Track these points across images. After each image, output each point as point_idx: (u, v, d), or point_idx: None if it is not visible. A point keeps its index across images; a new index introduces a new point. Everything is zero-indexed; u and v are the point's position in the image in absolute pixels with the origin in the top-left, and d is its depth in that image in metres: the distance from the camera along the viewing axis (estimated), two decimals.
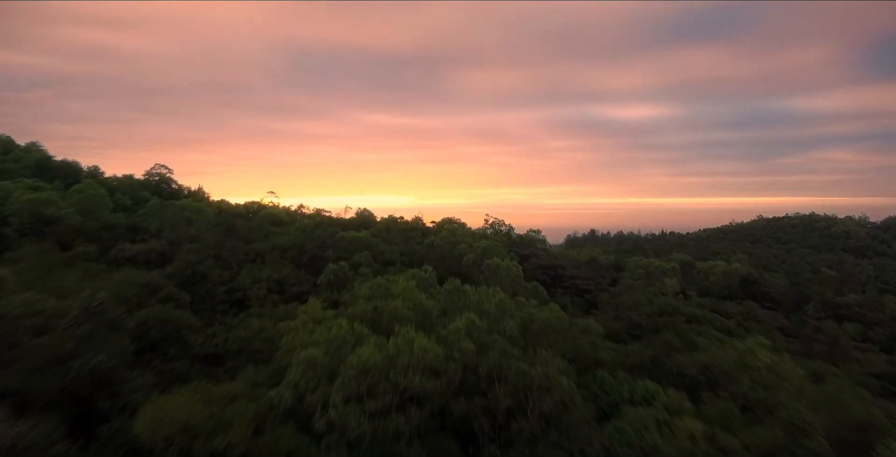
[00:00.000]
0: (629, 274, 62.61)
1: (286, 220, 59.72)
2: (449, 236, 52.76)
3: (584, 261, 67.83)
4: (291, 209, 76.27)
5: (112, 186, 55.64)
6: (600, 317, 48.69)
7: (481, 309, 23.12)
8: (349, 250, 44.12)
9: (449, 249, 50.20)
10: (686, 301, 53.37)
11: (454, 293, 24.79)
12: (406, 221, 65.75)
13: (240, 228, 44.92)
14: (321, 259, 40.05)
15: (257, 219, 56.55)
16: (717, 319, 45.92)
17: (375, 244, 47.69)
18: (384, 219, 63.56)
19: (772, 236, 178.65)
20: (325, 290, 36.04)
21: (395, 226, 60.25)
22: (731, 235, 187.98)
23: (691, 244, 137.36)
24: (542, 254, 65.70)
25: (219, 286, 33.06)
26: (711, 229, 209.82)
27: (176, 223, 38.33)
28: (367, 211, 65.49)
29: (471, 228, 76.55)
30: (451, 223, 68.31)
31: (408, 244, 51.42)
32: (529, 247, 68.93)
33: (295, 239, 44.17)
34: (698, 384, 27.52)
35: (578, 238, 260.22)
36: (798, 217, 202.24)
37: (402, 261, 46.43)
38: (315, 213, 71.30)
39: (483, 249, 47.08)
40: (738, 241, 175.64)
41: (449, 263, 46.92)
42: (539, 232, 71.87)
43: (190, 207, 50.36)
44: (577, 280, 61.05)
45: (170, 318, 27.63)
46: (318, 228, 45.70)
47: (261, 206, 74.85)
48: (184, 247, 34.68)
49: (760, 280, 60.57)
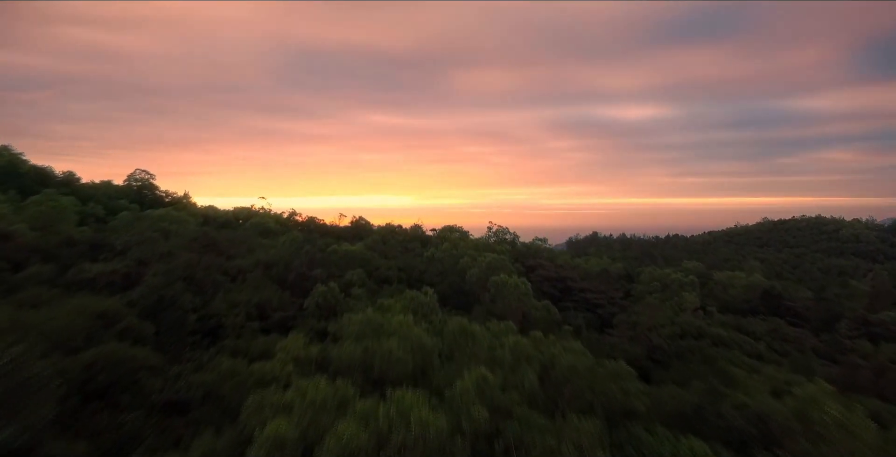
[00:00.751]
0: (643, 287, 58.58)
1: (276, 229, 55.65)
2: (451, 249, 48.72)
3: (595, 272, 63.76)
4: (284, 215, 72.28)
5: (86, 194, 51.58)
6: (616, 338, 44.76)
7: (493, 356, 19.07)
8: (341, 267, 40.04)
9: (451, 263, 46.15)
10: (707, 319, 49.42)
11: (461, 337, 20.68)
12: (405, 228, 61.78)
13: (221, 241, 40.81)
14: (309, 278, 35.93)
15: (244, 229, 52.45)
16: (746, 341, 42.00)
17: (370, 259, 43.61)
18: (381, 228, 59.60)
19: (779, 240, 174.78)
20: (311, 316, 31.96)
21: (393, 236, 56.25)
22: (738, 239, 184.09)
23: (699, 249, 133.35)
24: (548, 265, 61.71)
25: (190, 314, 28.95)
26: (717, 232, 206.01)
27: (146, 238, 34.23)
28: (362, 219, 61.46)
29: (473, 236, 72.60)
30: (453, 231, 64.25)
31: (406, 258, 47.34)
32: (535, 256, 64.96)
33: (282, 254, 40.10)
34: (750, 439, 23.64)
35: (581, 241, 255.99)
36: (805, 219, 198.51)
37: (400, 278, 42.37)
38: (309, 220, 67.13)
39: (488, 263, 43.02)
40: (745, 245, 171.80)
41: (451, 280, 42.89)
42: (545, 240, 67.83)
43: (168, 217, 46.17)
44: (588, 294, 57.09)
45: (125, 357, 23.49)
46: (308, 241, 41.62)
47: (251, 212, 70.77)
48: (152, 267, 30.61)
49: (784, 293, 56.63)
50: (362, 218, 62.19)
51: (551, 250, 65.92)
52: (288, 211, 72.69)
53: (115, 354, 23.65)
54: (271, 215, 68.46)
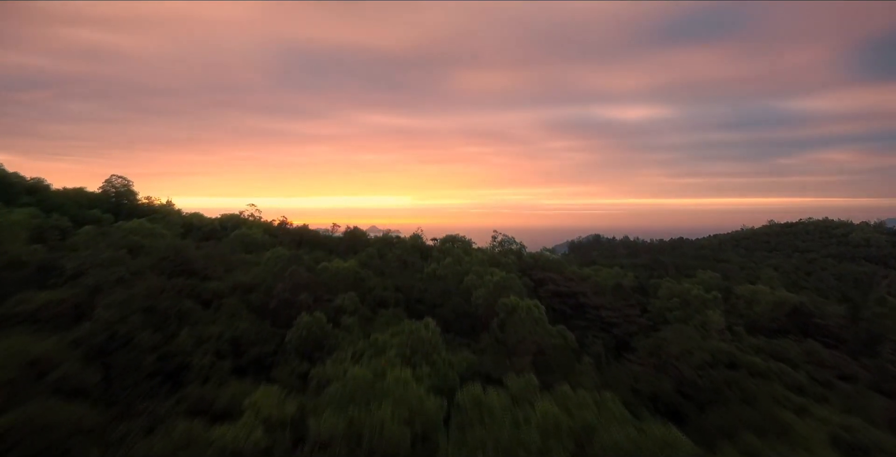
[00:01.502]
0: (661, 303, 54.11)
1: (262, 241, 51.21)
2: (454, 264, 44.24)
3: (609, 286, 59.31)
4: (275, 223, 67.78)
5: (53, 204, 47.05)
6: (639, 366, 40.35)
7: (516, 437, 14.61)
8: (332, 288, 35.55)
9: (454, 281, 41.67)
10: (736, 341, 45.01)
11: (473, 409, 16.17)
12: (403, 238, 57.32)
13: (196, 259, 36.31)
14: (293, 305, 31.43)
15: (228, 241, 47.95)
16: (784, 371, 37.61)
17: (365, 277, 39.13)
18: (378, 239, 55.13)
19: (788, 244, 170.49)
20: (293, 352, 27.49)
21: (390, 249, 51.74)
22: (745, 243, 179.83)
23: (708, 255, 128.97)
24: (558, 278, 57.27)
25: (147, 353, 24.52)
26: (723, 235, 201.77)
27: (105, 260, 29.74)
28: (357, 230, 56.73)
29: (476, 244, 68.19)
30: (455, 242, 59.79)
31: (404, 276, 42.85)
32: (543, 268, 60.53)
33: (264, 274, 35.66)
34: None
35: (583, 244, 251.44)
36: (812, 223, 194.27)
37: (398, 299, 37.89)
38: (301, 228, 62.66)
39: (496, 283, 38.57)
40: (753, 249, 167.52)
41: (455, 302, 38.44)
42: (554, 251, 63.35)
43: (141, 230, 41.61)
44: (603, 311, 52.64)
45: (55, 420, 19.12)
46: (295, 259, 37.12)
47: (239, 220, 66.26)
48: (106, 296, 26.15)
49: (814, 310, 52.28)
50: (357, 228, 57.58)
51: (560, 262, 61.45)
52: (279, 218, 68.37)
53: (42, 415, 19.22)
54: (260, 224, 63.95)
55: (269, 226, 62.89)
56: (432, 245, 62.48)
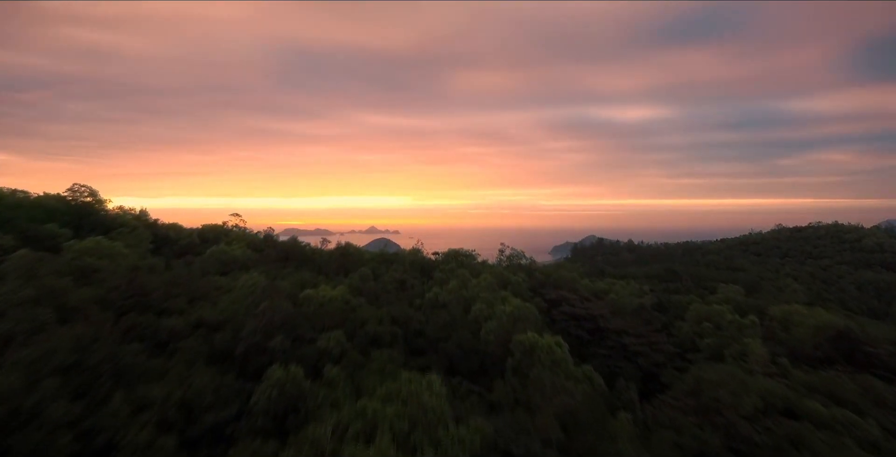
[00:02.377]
0: (690, 327, 48.41)
1: (243, 259, 45.38)
2: (459, 289, 38.46)
3: (630, 307, 53.59)
4: (260, 236, 61.84)
5: (1, 218, 40.92)
6: (677, 411, 34.62)
7: None
8: (315, 325, 29.71)
9: (460, 311, 35.87)
10: (784, 376, 39.39)
11: None
12: (401, 255, 51.51)
13: (155, 288, 30.47)
14: (265, 351, 25.63)
15: (200, 262, 42.13)
16: (852, 420, 32.06)
17: (356, 307, 33.33)
18: (373, 255, 49.33)
19: (799, 250, 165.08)
20: (261, 416, 21.67)
21: (388, 268, 45.91)
22: (754, 248, 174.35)
23: (720, 262, 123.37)
24: (573, 298, 51.54)
25: (63, 431, 18.77)
26: (731, 240, 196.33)
27: (28, 297, 23.95)
28: (350, 246, 50.75)
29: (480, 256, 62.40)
30: (460, 257, 54.00)
31: (402, 305, 37.03)
32: (556, 285, 54.83)
33: (235, 306, 29.86)
34: None
35: (586, 248, 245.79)
36: (823, 227, 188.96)
37: (394, 336, 32.06)
38: (288, 243, 56.81)
39: (510, 315, 32.80)
40: (764, 254, 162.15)
41: (462, 337, 32.65)
42: (565, 266, 57.62)
43: (97, 250, 35.77)
44: (626, 338, 46.90)
45: None
46: (272, 289, 31.14)
47: (221, 231, 60.36)
48: (15, 351, 20.37)
49: (863, 336, 46.76)
50: (350, 244, 51.53)
51: (574, 279, 55.76)
52: (265, 229, 62.48)
53: None
54: (244, 236, 58.07)
55: (253, 239, 57.01)
56: (434, 259, 56.69)
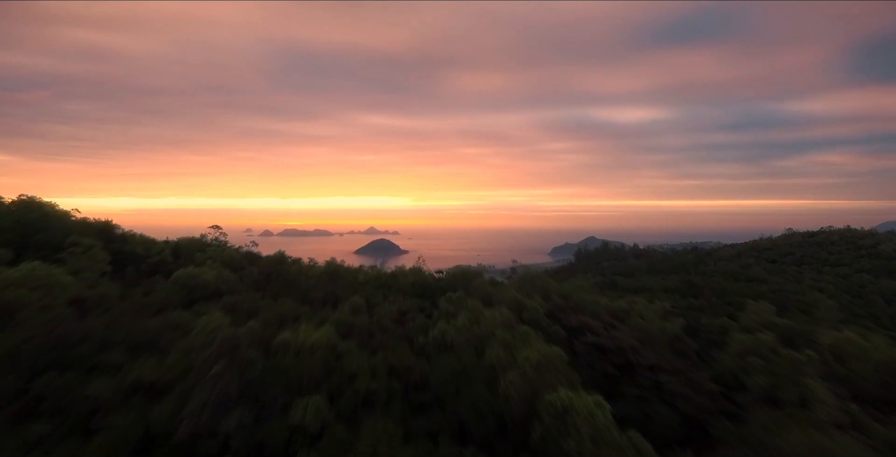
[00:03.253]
0: (733, 361, 42.04)
1: (216, 284, 38.89)
2: (470, 325, 32.10)
3: (657, 332, 47.28)
4: (242, 250, 55.28)
5: None
6: None
7: None
8: (287, 386, 23.29)
9: (470, 357, 29.44)
10: (861, 431, 33.21)
11: None
12: (400, 276, 45.01)
13: (86, 335, 24.01)
14: (215, 435, 19.20)
15: (163, 290, 35.61)
16: None
17: (343, 354, 26.91)
18: (366, 276, 42.75)
19: (814, 256, 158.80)
20: None
21: (384, 295, 39.46)
22: (766, 254, 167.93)
23: (736, 271, 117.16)
24: (595, 325, 45.14)
25: None
26: (741, 245, 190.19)
27: None
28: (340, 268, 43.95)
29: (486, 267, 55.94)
30: (468, 277, 47.55)
31: (401, 343, 30.61)
32: (575, 309, 48.43)
33: (185, 363, 23.48)
34: None
35: (590, 252, 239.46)
36: (836, 232, 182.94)
37: (391, 392, 25.65)
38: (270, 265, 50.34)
39: (535, 365, 26.38)
40: (777, 261, 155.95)
41: (475, 393, 26.26)
42: (584, 286, 51.31)
43: (29, 280, 29.25)
44: (661, 375, 40.54)
45: None
46: (232, 343, 24.55)
47: (200, 245, 53.76)
48: None
49: None
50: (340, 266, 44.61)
51: (595, 301, 49.51)
52: (249, 243, 55.90)
53: None
54: (224, 253, 51.52)
55: (233, 255, 50.44)
56: (438, 278, 50.25)
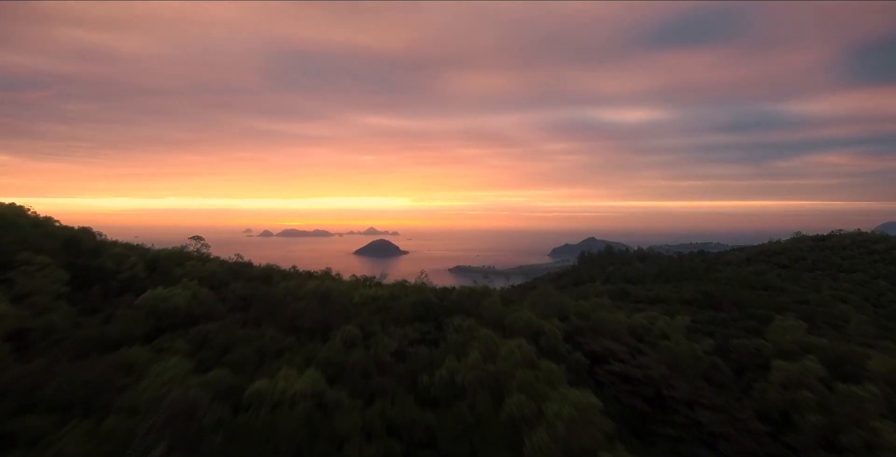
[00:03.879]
0: (778, 393, 37.09)
1: (187, 308, 33.81)
2: (483, 363, 27.08)
3: (685, 355, 42.35)
4: (225, 263, 50.15)
5: None
6: None
7: None
8: (254, 454, 18.25)
9: (487, 404, 24.41)
10: None
11: None
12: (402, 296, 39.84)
13: (10, 385, 18.89)
14: None
15: (124, 317, 30.53)
16: None
17: (332, 409, 21.97)
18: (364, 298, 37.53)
19: (827, 261, 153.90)
20: None
21: (381, 320, 34.30)
22: (776, 259, 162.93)
23: (751, 279, 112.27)
24: (621, 351, 40.15)
25: None
26: (750, 249, 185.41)
27: None
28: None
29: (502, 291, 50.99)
30: (477, 295, 42.42)
31: (401, 386, 25.62)
32: (596, 331, 43.49)
33: (123, 435, 18.49)
34: None
35: (593, 255, 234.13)
36: (847, 235, 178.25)
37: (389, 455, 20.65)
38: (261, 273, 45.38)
39: (569, 421, 21.37)
40: (790, 267, 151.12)
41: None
42: (606, 304, 46.29)
43: None
44: (700, 411, 35.44)
45: None
46: (190, 406, 19.52)
47: (178, 258, 48.65)
48: None
49: None
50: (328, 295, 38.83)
51: (617, 321, 44.58)
52: (235, 256, 50.86)
53: None
54: (207, 265, 46.37)
55: (214, 270, 45.19)
56: (446, 295, 45.18)
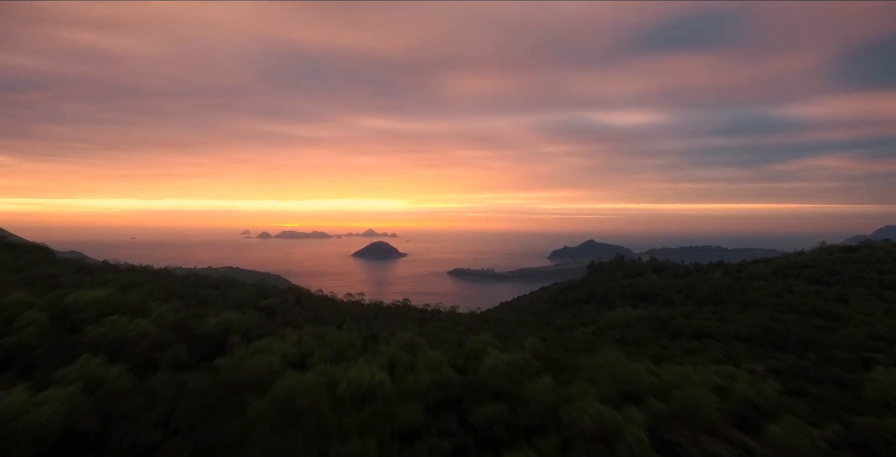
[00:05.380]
0: None
1: (54, 425, 21.66)
2: None
3: None
4: (163, 321, 37.48)
5: None
6: None
7: None
8: None
9: None
10: None
11: None
12: (399, 374, 27.80)
13: None
14: None
15: None
16: None
17: None
18: (352, 384, 25.87)
19: (862, 275, 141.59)
20: None
21: (379, 449, 22.18)
22: (807, 272, 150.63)
23: (801, 302, 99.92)
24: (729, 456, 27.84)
25: None
26: (776, 261, 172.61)
27: None
28: (294, 392, 27.38)
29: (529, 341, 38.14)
30: (517, 377, 29.78)
31: None
32: (681, 417, 31.20)
33: None
34: None
35: (604, 264, 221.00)
36: (881, 246, 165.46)
37: None
38: (215, 333, 32.42)
39: None
40: (826, 283, 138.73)
41: None
42: (695, 378, 33.64)
43: None
44: None
45: None
46: None
47: (103, 307, 35.81)
48: None
49: None
50: (306, 387, 27.38)
51: (708, 399, 31.31)
52: (184, 306, 38.61)
53: None
54: (136, 323, 33.74)
55: (145, 333, 32.48)
56: (468, 379, 32.33)
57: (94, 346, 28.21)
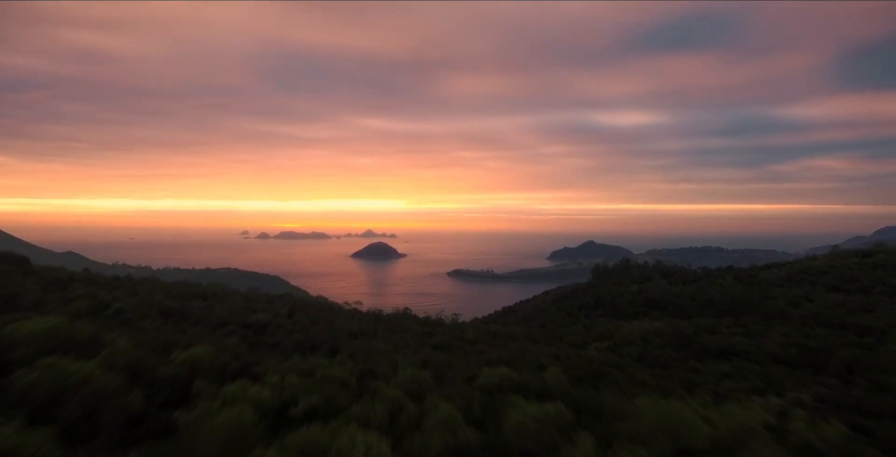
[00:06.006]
0: None
1: None
2: None
3: None
4: (113, 365, 32.09)
5: None
6: None
7: None
8: None
9: None
10: None
11: None
12: (404, 437, 22.50)
13: None
14: None
15: None
16: None
17: None
18: None
19: (883, 282, 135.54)
20: None
21: None
22: (824, 279, 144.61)
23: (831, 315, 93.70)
24: None
25: None
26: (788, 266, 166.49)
27: None
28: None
29: None
30: (547, 439, 23.77)
31: None
32: None
33: None
34: None
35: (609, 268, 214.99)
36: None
37: None
38: (180, 376, 25.23)
39: None
40: (845, 290, 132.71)
41: None
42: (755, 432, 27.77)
43: None
44: None
45: None
46: None
47: (47, 341, 30.03)
48: None
49: None
50: None
51: None
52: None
53: None
54: (82, 367, 28.09)
55: None
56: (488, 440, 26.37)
57: (20, 399, 21.45)
